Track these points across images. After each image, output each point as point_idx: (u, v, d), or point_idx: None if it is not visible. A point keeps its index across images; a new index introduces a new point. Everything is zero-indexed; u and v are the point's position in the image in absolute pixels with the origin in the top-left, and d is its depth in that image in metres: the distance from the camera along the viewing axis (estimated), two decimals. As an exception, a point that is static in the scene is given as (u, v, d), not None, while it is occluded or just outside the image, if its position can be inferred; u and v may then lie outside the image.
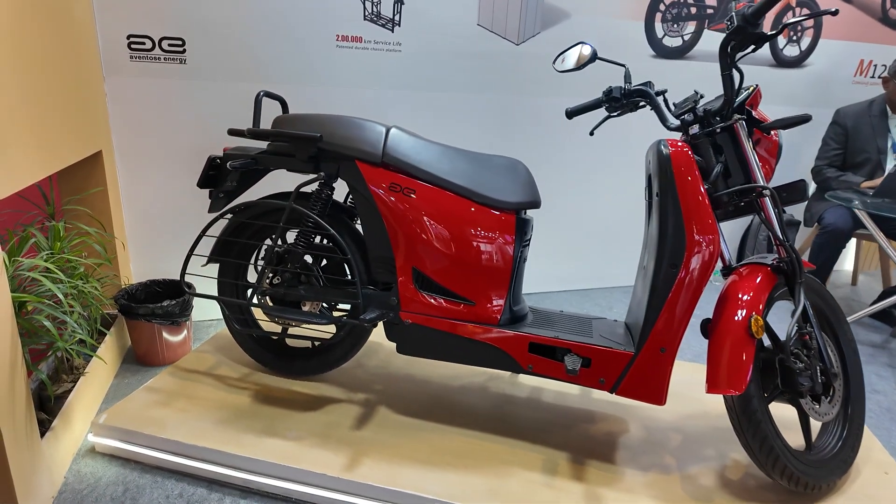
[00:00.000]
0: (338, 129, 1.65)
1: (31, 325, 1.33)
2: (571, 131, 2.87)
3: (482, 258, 1.59)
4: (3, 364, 1.26)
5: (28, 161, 1.45)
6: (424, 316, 1.65)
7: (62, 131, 1.71)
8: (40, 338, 1.40)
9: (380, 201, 1.62)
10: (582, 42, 1.82)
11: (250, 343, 1.97)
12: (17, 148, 1.38)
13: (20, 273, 1.37)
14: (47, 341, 1.40)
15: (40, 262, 1.40)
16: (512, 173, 1.64)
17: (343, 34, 2.36)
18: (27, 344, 1.38)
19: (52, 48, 1.64)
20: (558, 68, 1.87)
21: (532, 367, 1.59)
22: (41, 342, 1.40)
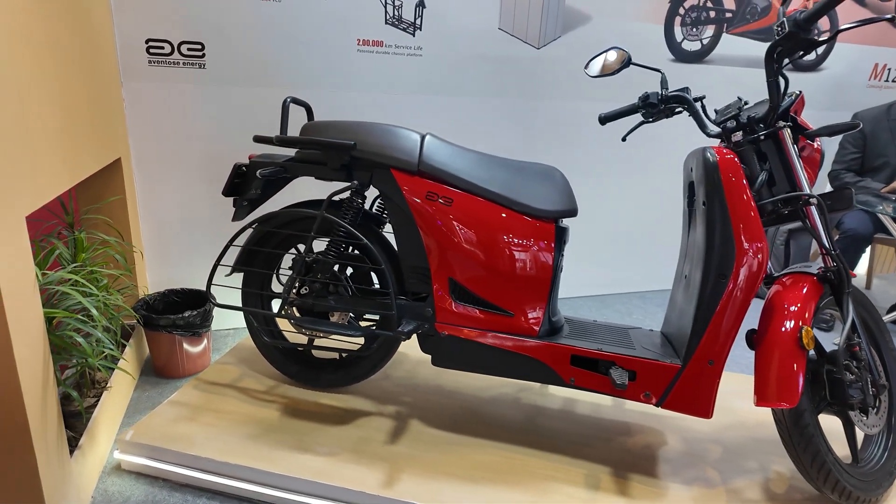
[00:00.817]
0: (372, 136, 1.61)
1: (63, 340, 1.28)
2: (590, 136, 2.84)
3: (521, 268, 1.55)
4: (34, 381, 1.21)
5: (57, 170, 1.40)
6: (461, 327, 1.61)
7: (86, 139, 1.66)
8: (70, 353, 1.35)
9: (416, 210, 1.58)
10: (615, 47, 1.79)
11: (276, 355, 1.92)
12: (47, 157, 1.34)
13: (49, 287, 1.32)
14: (78, 357, 1.35)
15: (71, 274, 1.35)
16: (549, 181, 1.61)
17: (364, 38, 2.32)
18: (57, 361, 1.33)
19: (76, 53, 1.60)
20: (591, 73, 1.84)
21: (574, 380, 1.55)
22: (71, 358, 1.35)
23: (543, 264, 1.55)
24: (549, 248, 1.55)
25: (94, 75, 1.78)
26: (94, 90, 1.76)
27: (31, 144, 1.25)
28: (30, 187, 1.23)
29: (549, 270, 1.55)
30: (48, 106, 1.37)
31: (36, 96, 1.29)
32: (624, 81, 2.80)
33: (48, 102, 1.37)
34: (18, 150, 1.19)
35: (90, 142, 1.70)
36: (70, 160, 1.50)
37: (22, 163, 1.20)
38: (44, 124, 1.33)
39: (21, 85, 1.22)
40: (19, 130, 1.19)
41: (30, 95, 1.26)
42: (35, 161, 1.27)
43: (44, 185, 1.31)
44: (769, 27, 3.00)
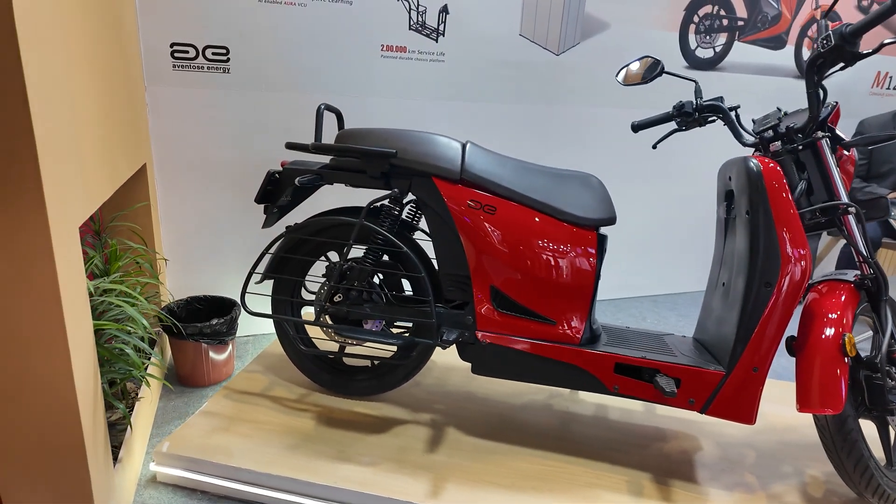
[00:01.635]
0: (413, 145, 1.60)
1: (111, 352, 1.26)
2: (605, 143, 2.86)
3: (564, 276, 1.56)
4: (87, 395, 1.19)
5: (100, 177, 1.38)
6: (502, 336, 1.61)
7: (121, 144, 1.63)
8: (115, 366, 1.32)
9: (458, 219, 1.58)
10: (647, 55, 1.80)
11: (307, 363, 1.91)
12: (93, 163, 1.31)
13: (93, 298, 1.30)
14: (124, 368, 1.33)
15: (115, 284, 1.33)
16: (589, 188, 1.62)
17: (388, 44, 2.31)
18: (105, 374, 1.30)
19: (111, 57, 1.57)
20: (623, 81, 1.85)
21: (618, 388, 1.56)
22: (119, 371, 1.32)
23: (586, 272, 1.56)
24: (592, 255, 1.56)
25: (126, 79, 1.75)
26: (125, 95, 1.74)
27: (81, 151, 1.23)
28: (81, 195, 1.21)
29: (592, 278, 1.56)
30: (93, 112, 1.34)
31: (83, 102, 1.27)
32: (642, 88, 2.82)
33: (93, 108, 1.35)
34: (72, 158, 1.16)
35: (124, 147, 1.67)
36: (110, 166, 1.48)
37: (74, 170, 1.18)
38: (90, 130, 1.30)
39: (74, 91, 1.20)
40: (72, 137, 1.17)
41: (79, 101, 1.24)
42: (84, 168, 1.24)
43: (92, 193, 1.29)
44: (778, 35, 3.05)
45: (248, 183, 2.28)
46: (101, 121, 1.42)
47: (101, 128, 1.41)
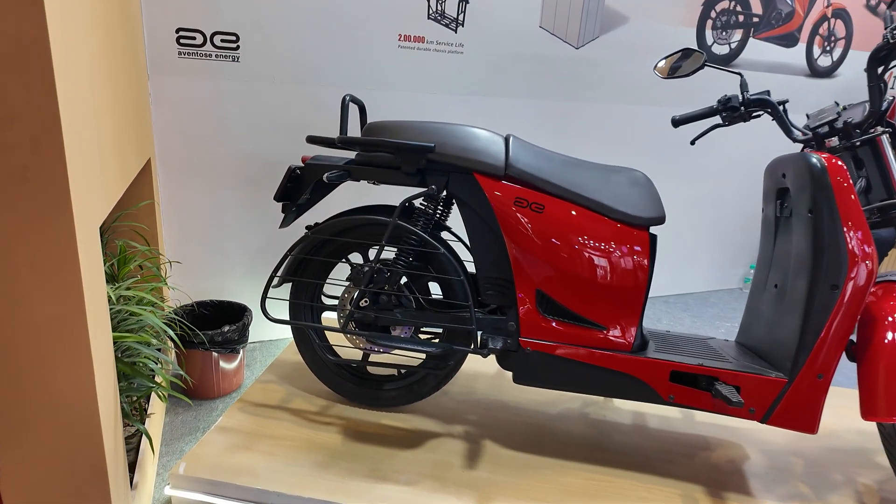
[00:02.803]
0: (452, 138, 1.49)
1: (134, 368, 1.12)
2: (624, 140, 2.79)
3: (616, 279, 1.47)
4: (109, 417, 1.05)
5: (116, 174, 1.24)
6: (548, 343, 1.51)
7: (131, 138, 1.49)
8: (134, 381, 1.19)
9: (502, 218, 1.47)
10: (689, 48, 1.73)
11: (329, 373, 1.78)
12: (110, 159, 1.17)
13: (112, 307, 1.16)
14: (144, 384, 1.19)
15: (135, 291, 1.19)
16: (638, 185, 1.53)
17: (406, 34, 2.19)
18: (123, 391, 1.16)
19: (120, 45, 1.42)
20: (662, 74, 1.78)
21: (673, 397, 1.47)
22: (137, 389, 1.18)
23: (638, 275, 1.47)
24: (645, 256, 1.47)
25: (132, 68, 1.60)
26: (132, 85, 1.59)
27: (100, 146, 1.09)
28: (101, 193, 1.07)
29: (644, 281, 1.47)
30: (109, 104, 1.20)
31: (101, 97, 1.13)
32: (659, 84, 2.75)
33: (108, 100, 1.20)
34: (93, 153, 1.03)
35: (133, 141, 1.52)
36: (123, 161, 1.34)
37: (96, 164, 1.04)
38: (106, 124, 1.16)
39: (94, 84, 1.06)
40: (93, 132, 1.04)
41: (99, 97, 1.10)
42: (103, 164, 1.10)
43: (110, 190, 1.15)
44: (791, 33, 3.01)
45: (257, 180, 2.14)
46: (114, 112, 1.27)
47: (114, 119, 1.27)
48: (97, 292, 1.01)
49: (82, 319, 0.94)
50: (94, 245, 1.00)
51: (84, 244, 0.94)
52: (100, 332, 1.02)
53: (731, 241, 3.36)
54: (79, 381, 0.96)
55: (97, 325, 1.00)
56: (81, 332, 0.94)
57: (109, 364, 1.07)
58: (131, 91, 1.56)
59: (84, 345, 0.95)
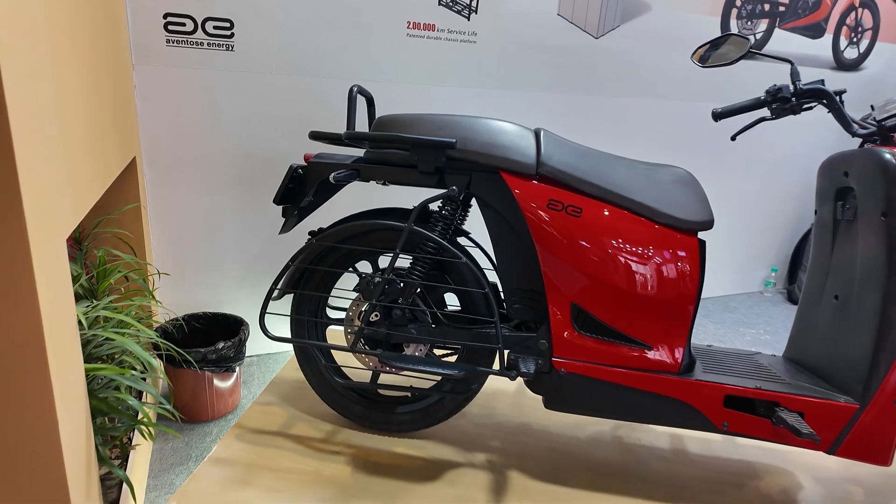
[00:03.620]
0: (474, 133, 1.32)
1: (109, 405, 0.94)
2: (645, 135, 2.62)
3: (663, 291, 1.30)
4: (77, 465, 0.88)
5: (90, 177, 1.06)
6: (585, 364, 1.34)
7: (111, 135, 1.31)
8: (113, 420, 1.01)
9: (533, 222, 1.30)
10: (731, 33, 1.56)
11: (335, 395, 1.60)
12: (82, 161, 1.00)
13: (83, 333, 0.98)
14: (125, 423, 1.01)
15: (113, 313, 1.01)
16: (684, 185, 1.36)
17: (415, 21, 2.02)
18: (99, 431, 0.98)
19: (96, 28, 1.24)
20: (700, 63, 1.61)
21: (728, 424, 1.30)
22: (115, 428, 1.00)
23: (688, 286, 1.30)
24: (695, 265, 1.30)
25: (113, 56, 1.42)
26: (112, 75, 1.41)
27: (70, 146, 0.91)
28: (70, 201, 0.89)
29: (694, 293, 1.31)
30: (81, 98, 1.02)
31: (71, 89, 0.95)
32: (681, 78, 2.59)
33: (81, 93, 1.03)
34: (60, 155, 0.85)
35: (114, 139, 1.34)
36: (100, 162, 1.16)
37: (62, 171, 0.86)
38: (78, 119, 0.98)
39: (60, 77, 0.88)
40: (55, 128, 0.86)
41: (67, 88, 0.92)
42: (73, 167, 0.93)
43: (82, 196, 0.97)
44: (818, 23, 2.86)
45: (254, 180, 1.96)
46: (88, 106, 1.09)
47: (89, 114, 1.09)
48: (62, 318, 0.83)
49: (40, 353, 0.76)
50: (58, 261, 0.82)
51: (44, 261, 0.76)
52: (65, 365, 0.84)
53: (752, 243, 3.20)
54: (37, 427, 0.79)
55: (62, 358, 0.82)
56: (39, 368, 0.77)
57: (79, 402, 0.89)
58: (112, 83, 1.38)
59: (43, 383, 0.77)
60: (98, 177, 1.13)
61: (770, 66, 2.86)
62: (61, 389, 0.81)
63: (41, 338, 0.76)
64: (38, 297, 0.74)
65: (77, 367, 0.90)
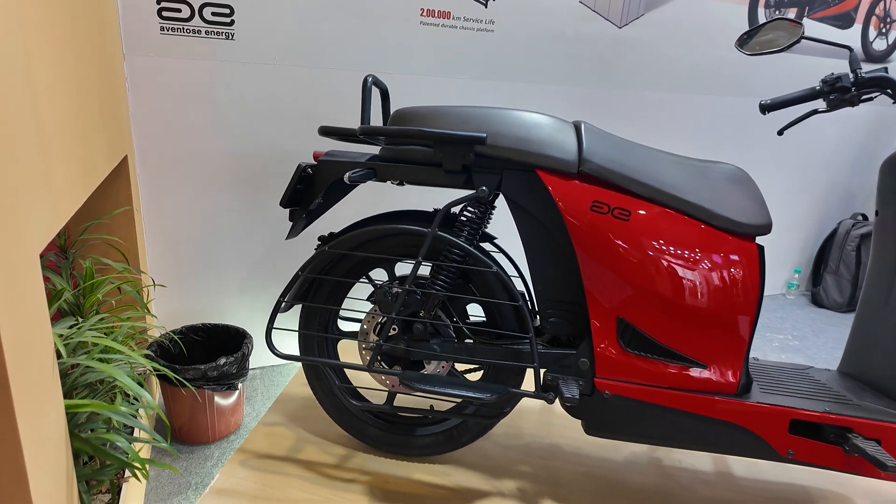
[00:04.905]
0: (507, 126, 1.18)
1: (95, 446, 0.80)
2: (672, 131, 2.48)
3: (720, 303, 1.16)
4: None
5: (72, 180, 0.91)
6: (632, 385, 1.20)
7: (98, 132, 1.16)
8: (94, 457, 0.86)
9: (575, 226, 1.16)
10: (782, 17, 1.43)
11: (348, 416, 1.46)
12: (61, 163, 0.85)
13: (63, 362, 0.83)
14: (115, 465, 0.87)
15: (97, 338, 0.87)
16: (739, 184, 1.22)
17: (429, 7, 1.87)
18: (84, 477, 0.84)
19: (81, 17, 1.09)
20: (748, 51, 1.48)
21: (793, 453, 1.17)
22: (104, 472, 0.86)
23: (748, 296, 1.16)
24: (754, 273, 1.16)
25: (101, 45, 1.27)
26: (101, 65, 1.26)
27: (46, 148, 0.77)
28: (46, 210, 0.75)
29: (755, 305, 1.17)
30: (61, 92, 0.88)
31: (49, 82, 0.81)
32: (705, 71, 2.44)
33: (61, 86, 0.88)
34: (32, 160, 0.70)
35: (101, 136, 1.19)
36: (85, 163, 1.01)
37: (36, 177, 0.71)
38: (56, 116, 0.84)
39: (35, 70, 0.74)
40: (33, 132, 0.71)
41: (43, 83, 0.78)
42: (49, 171, 0.78)
43: (60, 203, 0.82)
44: (847, 13, 2.72)
45: (256, 180, 1.82)
46: (71, 102, 0.94)
47: (71, 111, 0.94)
48: (34, 349, 0.69)
49: (5, 397, 0.61)
50: (28, 281, 0.68)
51: (7, 283, 0.61)
52: (38, 406, 0.69)
53: (774, 243, 3.07)
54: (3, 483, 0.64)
55: (33, 397, 0.68)
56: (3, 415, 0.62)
57: (58, 447, 0.75)
58: (98, 74, 1.23)
59: (8, 435, 0.63)
60: (82, 178, 0.98)
61: (795, 59, 2.72)
62: (33, 438, 0.67)
63: (4, 379, 0.62)
64: (2, 337, 0.60)
65: (55, 405, 0.75)
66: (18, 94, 0.67)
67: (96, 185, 1.10)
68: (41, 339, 0.71)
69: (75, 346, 0.88)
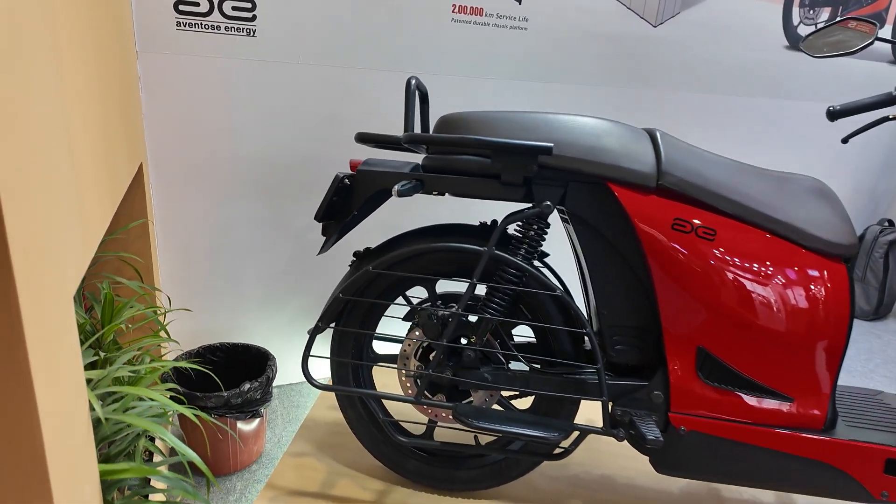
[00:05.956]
0: (575, 135, 1.06)
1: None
2: (707, 134, 2.38)
3: (812, 330, 1.06)
4: None
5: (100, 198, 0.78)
6: (712, 420, 1.09)
7: (119, 141, 1.03)
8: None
9: (652, 246, 1.05)
10: (852, 17, 1.33)
11: (387, 448, 1.34)
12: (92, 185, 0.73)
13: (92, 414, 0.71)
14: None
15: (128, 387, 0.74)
16: (824, 199, 1.12)
17: (461, 3, 1.76)
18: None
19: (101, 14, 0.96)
20: (815, 53, 1.38)
21: (887, 494, 1.07)
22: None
23: (838, 322, 1.06)
24: (844, 298, 1.06)
25: (118, 44, 1.14)
26: (119, 67, 1.13)
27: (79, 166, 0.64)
28: (78, 241, 0.62)
29: (845, 331, 1.07)
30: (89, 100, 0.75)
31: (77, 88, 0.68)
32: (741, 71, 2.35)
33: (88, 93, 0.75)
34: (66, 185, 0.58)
35: (122, 144, 1.07)
36: (111, 177, 0.88)
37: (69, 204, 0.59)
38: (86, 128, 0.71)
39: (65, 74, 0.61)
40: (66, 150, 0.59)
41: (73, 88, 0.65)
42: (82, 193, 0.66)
43: (90, 228, 0.70)
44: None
45: (276, 188, 1.69)
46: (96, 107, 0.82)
47: (97, 118, 0.81)
48: (72, 417, 0.57)
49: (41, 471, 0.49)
50: (65, 336, 0.55)
51: (43, 335, 0.49)
52: (74, 481, 0.57)
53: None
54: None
55: (69, 475, 0.55)
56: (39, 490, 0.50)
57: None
58: (119, 75, 1.10)
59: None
60: (109, 195, 0.85)
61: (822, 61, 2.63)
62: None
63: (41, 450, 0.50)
64: (35, 388, 0.48)
65: (90, 476, 0.63)
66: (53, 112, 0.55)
67: (120, 201, 0.98)
68: (78, 405, 0.59)
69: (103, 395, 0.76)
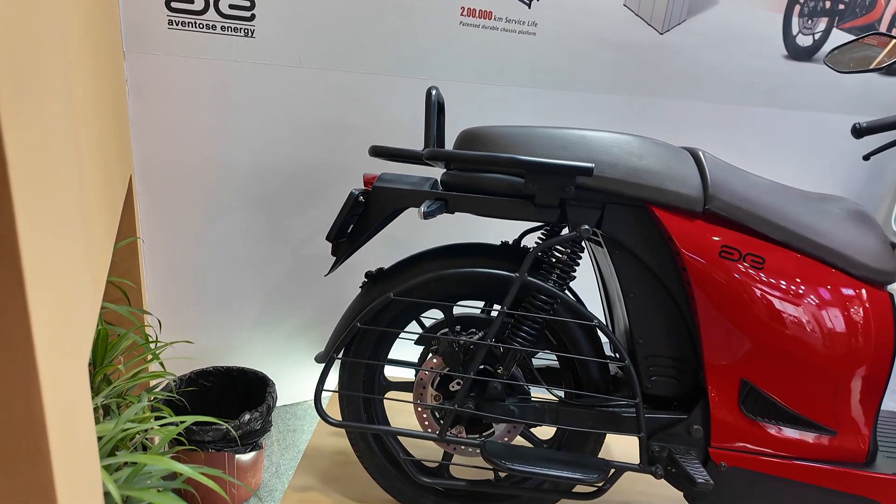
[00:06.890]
0: (613, 154, 1.00)
1: None
2: (710, 142, 2.35)
3: (857, 360, 1.01)
4: None
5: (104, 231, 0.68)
6: (753, 456, 1.04)
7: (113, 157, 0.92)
8: None
9: (698, 274, 0.99)
10: (877, 32, 1.30)
11: (402, 485, 1.26)
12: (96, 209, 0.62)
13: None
14: None
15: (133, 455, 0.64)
16: (866, 224, 1.08)
17: (470, 6, 1.67)
18: None
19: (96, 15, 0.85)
20: (842, 68, 1.35)
21: (934, 530, 1.03)
22: None
23: (883, 353, 1.02)
24: (888, 327, 1.02)
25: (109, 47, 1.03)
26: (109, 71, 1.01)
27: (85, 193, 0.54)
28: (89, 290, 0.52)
29: (888, 362, 1.02)
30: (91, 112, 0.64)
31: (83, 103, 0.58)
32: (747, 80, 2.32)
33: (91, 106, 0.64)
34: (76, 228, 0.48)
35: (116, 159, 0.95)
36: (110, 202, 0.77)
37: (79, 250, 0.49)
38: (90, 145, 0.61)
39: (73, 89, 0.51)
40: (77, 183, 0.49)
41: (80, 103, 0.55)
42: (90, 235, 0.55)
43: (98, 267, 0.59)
44: (872, 24, 2.65)
45: (272, 198, 1.59)
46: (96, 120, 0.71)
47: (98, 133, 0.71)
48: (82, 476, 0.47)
49: None
50: (80, 411, 0.45)
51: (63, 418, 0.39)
52: None
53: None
54: None
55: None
56: None
57: None
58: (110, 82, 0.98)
59: None
60: (110, 225, 0.75)
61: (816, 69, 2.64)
62: None
63: None
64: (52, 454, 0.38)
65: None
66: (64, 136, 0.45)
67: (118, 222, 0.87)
68: (92, 486, 0.49)
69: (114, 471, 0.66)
